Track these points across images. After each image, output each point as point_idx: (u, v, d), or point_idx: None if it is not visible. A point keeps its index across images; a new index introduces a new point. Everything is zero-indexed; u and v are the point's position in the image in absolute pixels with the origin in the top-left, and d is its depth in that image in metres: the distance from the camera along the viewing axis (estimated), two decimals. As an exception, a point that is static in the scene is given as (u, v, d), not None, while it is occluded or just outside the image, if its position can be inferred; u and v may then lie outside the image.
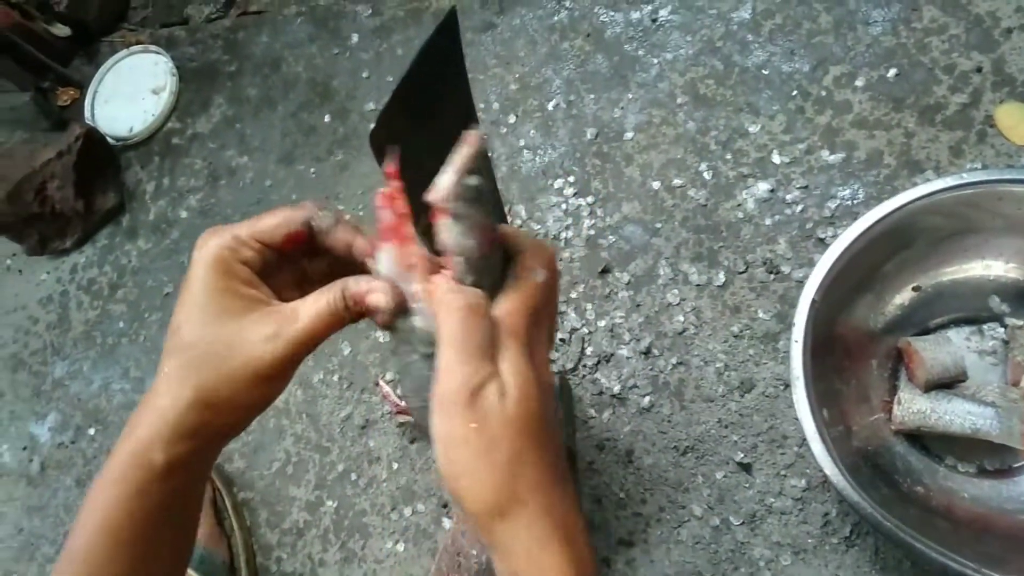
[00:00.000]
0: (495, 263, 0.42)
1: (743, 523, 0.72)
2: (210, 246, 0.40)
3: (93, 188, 1.15)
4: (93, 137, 1.14)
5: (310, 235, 0.42)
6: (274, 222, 0.42)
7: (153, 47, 1.25)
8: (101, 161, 1.16)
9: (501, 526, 0.36)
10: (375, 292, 0.39)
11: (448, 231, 0.38)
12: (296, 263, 0.45)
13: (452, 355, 0.36)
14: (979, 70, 0.79)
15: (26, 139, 1.12)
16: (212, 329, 0.38)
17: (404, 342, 0.41)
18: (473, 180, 0.38)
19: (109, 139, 1.20)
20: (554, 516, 0.37)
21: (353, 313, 0.40)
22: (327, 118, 1.10)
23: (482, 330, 0.37)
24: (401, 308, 0.40)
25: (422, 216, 0.42)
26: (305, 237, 0.42)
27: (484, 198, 0.39)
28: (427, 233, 0.41)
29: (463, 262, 0.39)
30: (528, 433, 0.37)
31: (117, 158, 1.20)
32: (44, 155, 1.09)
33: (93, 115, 1.24)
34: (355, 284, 0.40)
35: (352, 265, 0.42)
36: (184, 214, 1.14)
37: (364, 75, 1.10)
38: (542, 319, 0.41)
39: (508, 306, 0.39)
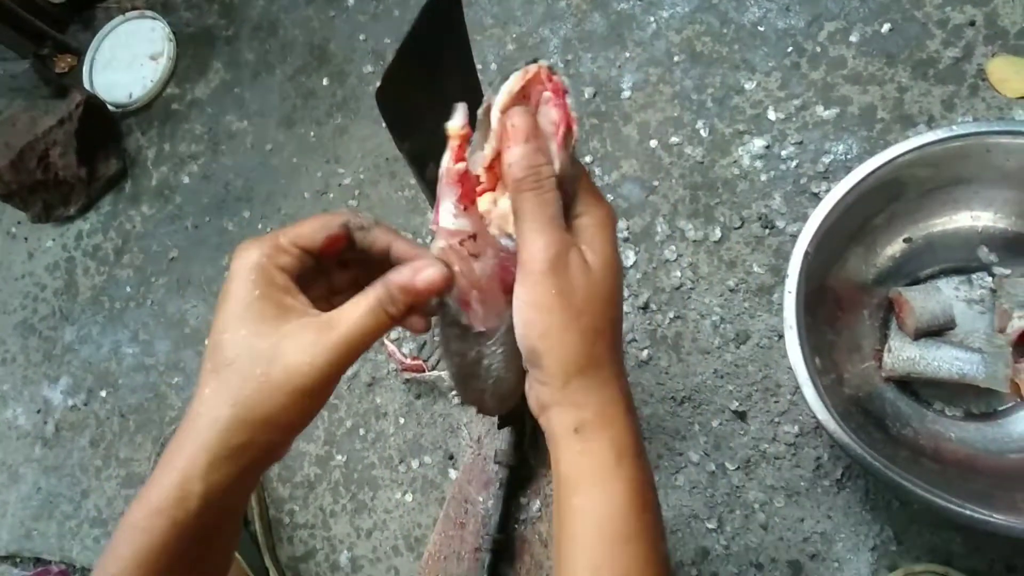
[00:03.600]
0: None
1: (738, 468, 0.75)
2: (249, 254, 0.39)
3: (95, 155, 1.16)
4: (93, 104, 1.14)
5: (348, 238, 0.42)
6: (314, 226, 0.41)
7: (149, 12, 1.25)
8: (102, 128, 1.17)
9: (577, 382, 0.38)
10: (425, 268, 0.38)
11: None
12: (327, 274, 0.44)
13: (530, 226, 0.37)
14: (972, 24, 0.80)
15: (26, 107, 1.12)
16: (252, 342, 0.37)
17: (449, 324, 0.42)
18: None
19: (109, 106, 1.20)
20: (621, 380, 0.40)
21: (399, 308, 0.39)
22: (325, 81, 1.11)
23: (556, 202, 0.38)
24: (449, 282, 0.39)
25: (429, 166, 0.44)
26: (344, 240, 0.41)
27: None
28: (433, 187, 0.42)
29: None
30: (611, 302, 0.39)
31: (117, 125, 1.21)
32: (46, 122, 1.10)
33: (91, 82, 1.25)
34: (398, 274, 0.39)
35: (380, 274, 0.40)
36: (186, 179, 1.15)
37: (361, 38, 1.10)
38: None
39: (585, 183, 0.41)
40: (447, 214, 0.39)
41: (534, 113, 0.39)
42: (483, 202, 0.42)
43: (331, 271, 0.44)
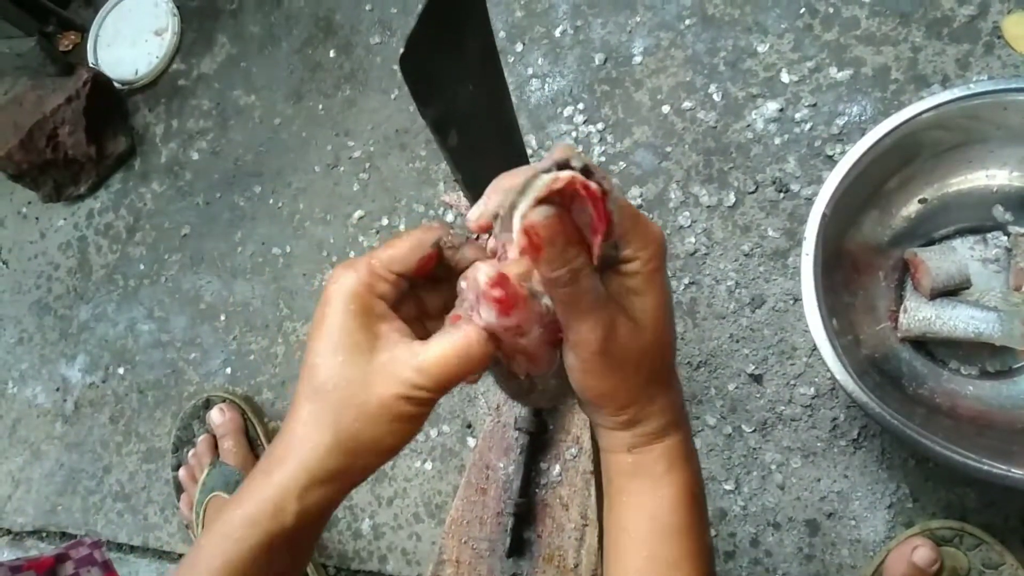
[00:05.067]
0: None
1: (755, 430, 0.76)
2: (346, 281, 0.39)
3: (103, 133, 1.16)
4: (100, 81, 1.14)
5: (440, 257, 0.41)
6: (407, 246, 0.40)
7: (151, -13, 1.24)
8: (109, 105, 1.16)
9: (631, 421, 0.40)
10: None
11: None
12: (417, 296, 0.43)
13: (572, 315, 0.36)
14: (987, -20, 0.79)
15: (33, 85, 1.12)
16: (349, 369, 0.37)
17: (496, 365, 0.42)
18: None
19: (115, 83, 1.20)
20: (676, 396, 0.41)
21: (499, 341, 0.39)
22: (332, 53, 1.10)
23: (593, 289, 0.36)
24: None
25: (451, 133, 0.43)
26: (436, 259, 0.41)
27: None
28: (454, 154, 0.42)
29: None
30: (665, 346, 0.39)
31: (125, 102, 1.21)
32: (53, 101, 1.10)
33: (96, 59, 1.24)
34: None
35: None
36: (195, 155, 1.15)
37: (367, 8, 1.09)
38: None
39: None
40: (489, 314, 0.37)
41: (565, 211, 0.34)
42: (520, 265, 0.38)
43: (421, 287, 0.43)
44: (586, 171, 0.33)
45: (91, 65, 1.23)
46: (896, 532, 0.70)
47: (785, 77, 0.83)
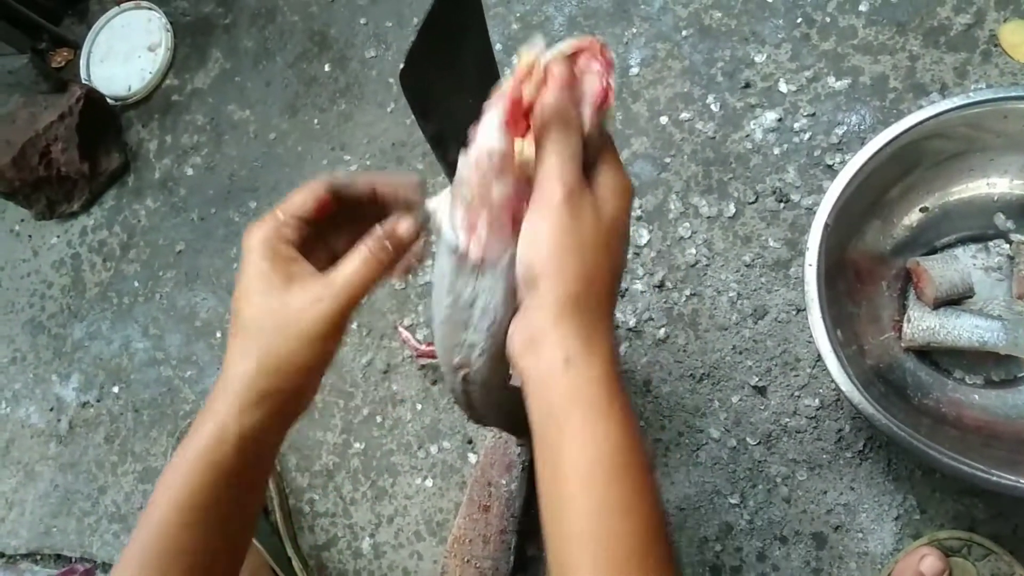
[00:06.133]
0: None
1: (759, 443, 0.75)
2: (254, 233, 0.45)
3: (96, 149, 1.15)
4: (93, 98, 1.13)
5: (336, 199, 0.47)
6: (303, 195, 0.47)
7: (145, 3, 1.23)
8: (102, 122, 1.15)
9: (571, 313, 0.39)
10: (404, 220, 0.46)
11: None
12: (325, 240, 0.49)
13: (551, 160, 0.40)
14: (983, -11, 0.79)
15: (26, 102, 1.11)
16: (266, 303, 0.43)
17: (449, 253, 0.44)
18: None
19: (108, 99, 1.19)
20: (612, 318, 0.43)
21: (391, 252, 0.45)
22: (327, 67, 1.10)
23: (578, 146, 0.41)
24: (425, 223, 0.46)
25: (451, 147, 0.44)
26: (332, 202, 0.47)
27: None
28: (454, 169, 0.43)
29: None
30: (615, 253, 0.42)
31: (118, 118, 1.20)
32: (46, 118, 1.09)
33: (89, 75, 1.23)
34: (381, 225, 0.46)
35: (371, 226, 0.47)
36: (190, 171, 1.14)
37: (362, 21, 1.09)
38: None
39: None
40: (487, 126, 0.41)
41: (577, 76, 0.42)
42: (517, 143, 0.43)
43: (329, 236, 0.49)
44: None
45: (84, 81, 1.22)
46: (904, 544, 0.69)
47: (783, 87, 0.83)
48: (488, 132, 0.41)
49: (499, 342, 0.45)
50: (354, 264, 0.44)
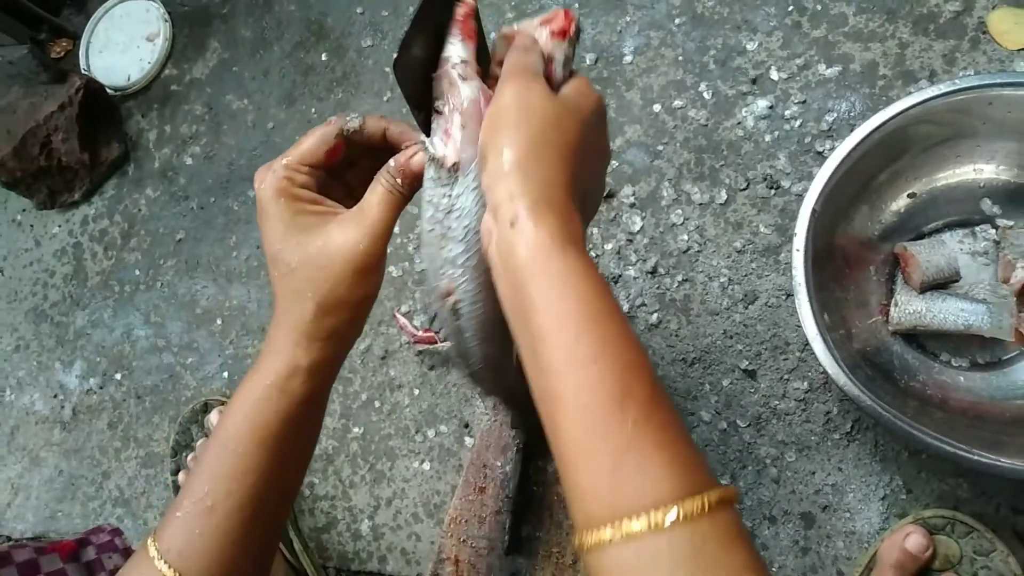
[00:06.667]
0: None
1: (749, 425, 0.77)
2: (268, 181, 0.46)
3: (97, 139, 1.16)
4: (93, 88, 1.14)
5: (347, 144, 0.48)
6: (312, 142, 0.47)
7: (142, -7, 1.24)
8: (102, 112, 1.16)
9: (513, 177, 0.38)
10: (414, 152, 0.46)
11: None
12: (341, 178, 0.50)
13: (508, 70, 0.42)
14: (972, -24, 0.80)
15: (26, 93, 1.12)
16: (305, 247, 0.45)
17: (428, 164, 0.45)
18: None
19: (108, 89, 1.20)
20: (569, 197, 0.40)
21: (406, 183, 0.46)
22: (324, 56, 1.10)
23: (537, 57, 0.43)
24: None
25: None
26: (343, 147, 0.48)
27: None
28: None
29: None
30: (573, 121, 0.42)
31: (117, 108, 1.21)
32: (46, 108, 1.10)
33: (88, 66, 1.24)
34: (394, 159, 0.46)
35: (382, 160, 0.47)
36: (189, 160, 1.15)
37: (358, 10, 1.10)
38: None
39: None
40: (450, 44, 0.44)
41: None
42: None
43: (342, 171, 0.50)
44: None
45: (83, 72, 1.23)
46: (890, 523, 0.71)
47: (774, 74, 0.84)
48: (449, 48, 0.44)
49: (477, 252, 0.44)
50: (378, 197, 0.45)
